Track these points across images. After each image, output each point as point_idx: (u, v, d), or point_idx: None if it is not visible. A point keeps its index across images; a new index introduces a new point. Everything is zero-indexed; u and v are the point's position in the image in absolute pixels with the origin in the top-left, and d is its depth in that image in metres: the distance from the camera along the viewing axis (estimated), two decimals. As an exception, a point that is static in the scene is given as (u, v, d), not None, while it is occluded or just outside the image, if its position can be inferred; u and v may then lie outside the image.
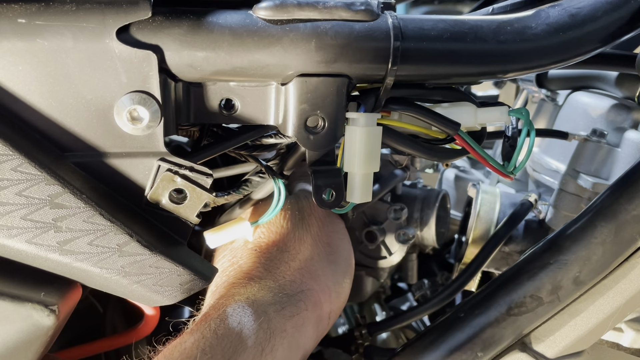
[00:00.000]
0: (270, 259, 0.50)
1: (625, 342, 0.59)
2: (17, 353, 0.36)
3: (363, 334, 0.68)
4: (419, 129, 0.42)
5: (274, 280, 0.48)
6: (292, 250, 0.51)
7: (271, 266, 0.49)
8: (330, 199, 0.41)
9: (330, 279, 0.51)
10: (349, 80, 0.38)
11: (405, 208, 0.73)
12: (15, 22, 0.31)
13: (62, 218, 0.34)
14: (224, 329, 0.40)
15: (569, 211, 0.78)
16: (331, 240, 0.54)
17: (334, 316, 0.52)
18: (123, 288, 0.37)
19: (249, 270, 0.48)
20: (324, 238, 0.54)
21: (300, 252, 0.51)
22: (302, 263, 0.50)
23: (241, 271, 0.48)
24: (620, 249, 0.47)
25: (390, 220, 0.73)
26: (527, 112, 0.42)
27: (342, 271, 0.53)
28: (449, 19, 0.38)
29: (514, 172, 0.44)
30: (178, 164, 0.37)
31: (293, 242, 0.52)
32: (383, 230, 0.72)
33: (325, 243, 0.54)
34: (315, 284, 0.49)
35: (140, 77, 0.34)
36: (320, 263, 0.51)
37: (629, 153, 0.76)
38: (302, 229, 0.53)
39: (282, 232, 0.52)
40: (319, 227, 0.54)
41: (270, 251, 0.51)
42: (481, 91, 1.31)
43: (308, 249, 0.52)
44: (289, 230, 0.52)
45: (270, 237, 0.52)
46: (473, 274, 0.68)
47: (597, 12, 0.40)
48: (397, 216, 0.72)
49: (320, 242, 0.53)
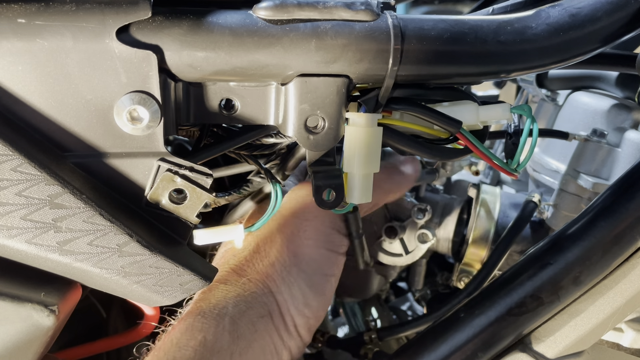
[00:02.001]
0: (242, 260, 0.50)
1: (626, 342, 0.59)
2: (17, 353, 0.36)
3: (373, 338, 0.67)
4: (421, 128, 0.42)
5: (240, 283, 0.47)
6: (262, 252, 0.50)
7: (241, 268, 0.49)
8: (330, 199, 0.41)
9: (288, 291, 0.49)
10: (349, 80, 0.37)
11: (430, 209, 0.73)
12: (15, 22, 0.31)
13: (62, 218, 0.34)
14: (187, 339, 0.41)
15: (569, 211, 0.78)
16: (299, 250, 0.52)
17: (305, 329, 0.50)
18: (123, 288, 0.37)
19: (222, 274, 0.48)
20: (292, 246, 0.51)
21: (267, 256, 0.50)
22: (265, 266, 0.49)
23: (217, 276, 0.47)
24: (620, 249, 0.47)
25: (413, 220, 0.73)
26: (529, 108, 0.42)
27: (305, 285, 0.51)
28: (449, 19, 0.38)
29: (518, 169, 0.43)
30: (178, 164, 0.37)
31: (264, 243, 0.51)
32: (404, 227, 0.72)
33: (291, 252, 0.51)
34: (275, 290, 0.49)
35: (140, 77, 0.34)
36: (280, 272, 0.50)
37: (629, 153, 0.76)
38: (276, 231, 0.52)
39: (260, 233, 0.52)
40: (291, 233, 0.52)
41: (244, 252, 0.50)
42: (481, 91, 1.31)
43: (274, 254, 0.50)
44: (266, 231, 0.52)
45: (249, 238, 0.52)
46: (484, 279, 0.67)
47: (597, 12, 0.40)
48: (419, 216, 0.72)
49: (287, 250, 0.51)
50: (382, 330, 0.68)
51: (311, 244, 0.53)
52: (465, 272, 0.79)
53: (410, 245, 0.73)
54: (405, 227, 0.72)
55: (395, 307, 0.99)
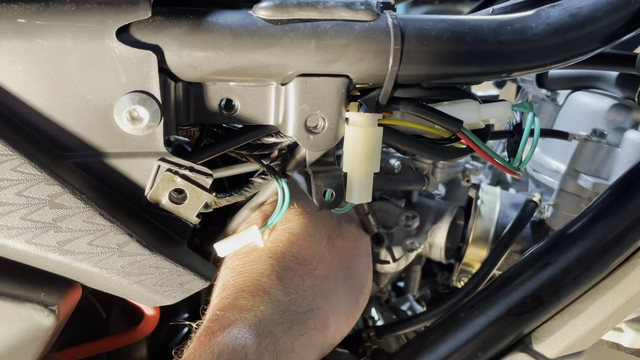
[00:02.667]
0: (284, 269, 0.48)
1: (626, 342, 0.59)
2: (17, 353, 0.36)
3: (371, 336, 0.67)
4: (423, 128, 0.42)
5: (285, 293, 0.46)
6: (309, 265, 0.49)
7: (285, 276, 0.47)
8: (330, 199, 0.41)
9: (342, 302, 0.50)
10: (349, 80, 0.37)
11: (417, 217, 0.72)
12: (15, 22, 0.31)
13: (62, 218, 0.34)
14: (228, 354, 0.39)
15: (569, 211, 0.78)
16: (352, 265, 0.53)
17: (339, 339, 0.51)
18: (123, 288, 0.37)
19: (260, 277, 0.46)
20: (345, 261, 0.52)
21: (318, 269, 0.49)
22: (318, 280, 0.49)
23: (252, 277, 0.46)
24: (620, 249, 0.47)
25: (401, 227, 0.72)
26: (530, 105, 0.42)
27: (355, 296, 0.52)
28: (449, 19, 0.38)
29: (520, 168, 0.43)
30: (178, 164, 0.37)
31: (312, 257, 0.50)
32: (391, 235, 0.71)
33: (346, 266, 0.52)
34: (326, 304, 0.48)
35: (140, 77, 0.34)
36: (335, 284, 0.50)
37: (629, 153, 0.76)
38: (325, 248, 0.51)
39: (304, 245, 0.50)
40: (343, 250, 0.52)
41: (285, 260, 0.49)
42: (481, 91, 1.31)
43: (326, 267, 0.50)
44: (310, 245, 0.51)
45: (289, 246, 0.50)
46: (483, 279, 0.67)
47: (597, 12, 0.40)
48: (408, 223, 0.72)
49: (340, 264, 0.51)
50: (380, 328, 0.68)
51: (361, 260, 0.54)
52: (465, 272, 0.79)
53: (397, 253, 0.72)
54: (392, 235, 0.71)
55: (395, 307, 0.99)
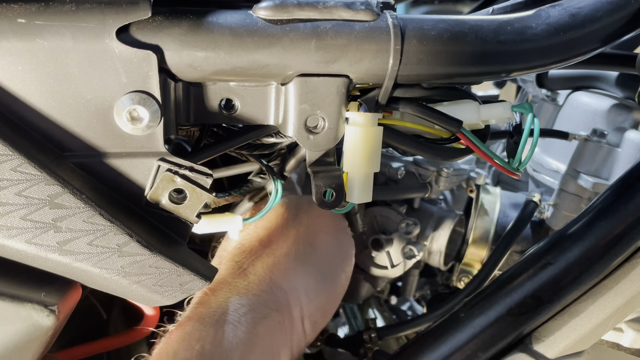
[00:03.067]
0: (248, 256, 0.48)
1: (626, 342, 0.59)
2: (17, 353, 0.36)
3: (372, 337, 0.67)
4: (423, 128, 0.42)
5: (245, 278, 0.46)
6: (273, 246, 0.49)
7: (247, 263, 0.48)
8: (330, 199, 0.41)
9: (301, 280, 0.49)
10: (349, 80, 0.37)
11: (418, 224, 0.71)
12: (14, 22, 0.31)
13: (61, 218, 0.34)
14: (184, 350, 0.40)
15: (569, 211, 0.78)
16: (315, 241, 0.51)
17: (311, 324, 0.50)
18: (123, 288, 0.37)
19: (224, 274, 0.47)
20: (308, 237, 0.51)
21: (280, 248, 0.49)
22: (276, 259, 0.48)
23: (219, 276, 0.47)
24: (620, 249, 0.47)
25: (401, 233, 0.72)
26: (530, 106, 0.42)
27: (319, 275, 0.50)
28: (449, 18, 0.38)
29: (520, 168, 0.43)
30: (178, 164, 0.37)
31: (277, 237, 0.50)
32: (391, 240, 0.71)
33: (307, 242, 0.51)
34: (283, 282, 0.47)
35: (140, 77, 0.34)
36: (294, 262, 0.49)
37: (629, 153, 0.76)
38: (290, 226, 0.51)
39: (271, 228, 0.51)
40: (307, 225, 0.52)
41: (252, 248, 0.49)
42: (481, 91, 1.31)
43: (287, 245, 0.49)
44: (277, 226, 0.51)
45: (258, 232, 0.50)
46: (484, 280, 0.67)
47: (597, 12, 0.40)
48: (408, 230, 0.71)
49: (302, 240, 0.51)
50: (381, 330, 0.68)
51: (327, 236, 0.52)
52: (465, 272, 0.79)
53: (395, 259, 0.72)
54: (392, 240, 0.71)
55: (395, 307, 0.99)
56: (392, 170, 0.73)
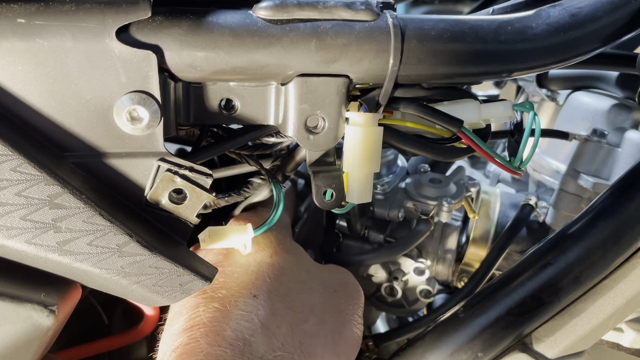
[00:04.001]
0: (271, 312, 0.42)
1: (626, 342, 0.59)
2: (17, 353, 0.36)
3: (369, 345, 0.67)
4: (423, 128, 0.42)
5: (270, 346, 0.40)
6: (299, 314, 0.44)
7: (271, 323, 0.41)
8: (330, 199, 0.41)
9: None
10: (349, 80, 0.37)
11: (428, 267, 0.72)
12: (14, 22, 0.31)
13: (61, 218, 0.34)
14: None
15: (569, 211, 0.78)
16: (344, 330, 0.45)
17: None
18: (123, 288, 0.37)
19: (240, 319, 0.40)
20: (338, 324, 0.46)
21: (308, 322, 0.43)
22: (307, 338, 0.42)
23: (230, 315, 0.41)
24: (620, 249, 0.47)
25: (412, 275, 0.73)
26: (530, 105, 0.42)
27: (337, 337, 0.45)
28: (449, 18, 0.38)
29: (521, 167, 0.43)
30: (178, 164, 0.37)
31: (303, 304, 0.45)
32: (405, 282, 0.73)
33: (337, 330, 0.45)
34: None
35: (140, 77, 0.34)
36: (323, 349, 0.43)
37: (629, 153, 0.76)
38: (318, 299, 0.46)
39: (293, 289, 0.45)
40: (338, 310, 0.47)
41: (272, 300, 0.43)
42: (481, 91, 1.31)
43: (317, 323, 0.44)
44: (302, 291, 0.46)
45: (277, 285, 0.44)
46: (480, 282, 0.68)
47: (597, 12, 0.40)
48: (420, 276, 0.72)
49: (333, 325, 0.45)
50: (378, 337, 0.68)
51: (355, 330, 0.47)
52: (465, 272, 0.79)
53: (411, 297, 0.73)
54: (406, 283, 0.72)
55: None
56: (392, 213, 0.72)
